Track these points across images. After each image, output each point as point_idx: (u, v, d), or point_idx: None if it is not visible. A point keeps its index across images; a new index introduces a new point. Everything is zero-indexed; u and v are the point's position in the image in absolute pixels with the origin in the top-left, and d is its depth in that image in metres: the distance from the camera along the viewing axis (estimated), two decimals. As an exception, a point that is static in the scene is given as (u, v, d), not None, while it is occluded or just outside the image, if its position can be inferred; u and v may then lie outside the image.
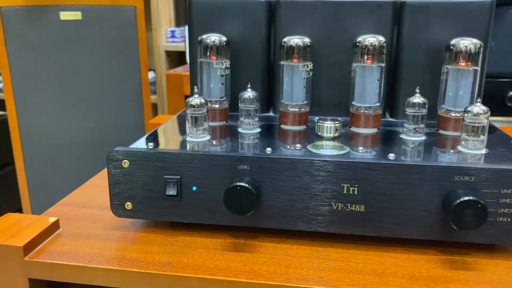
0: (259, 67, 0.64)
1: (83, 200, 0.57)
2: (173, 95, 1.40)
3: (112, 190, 0.48)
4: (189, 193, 0.47)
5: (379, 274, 0.42)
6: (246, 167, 0.45)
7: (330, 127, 0.53)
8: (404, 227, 0.45)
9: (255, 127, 0.56)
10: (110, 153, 0.47)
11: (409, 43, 0.60)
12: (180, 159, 0.46)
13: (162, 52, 1.86)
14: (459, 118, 0.55)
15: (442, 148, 0.51)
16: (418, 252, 0.45)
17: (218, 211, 0.47)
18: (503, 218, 0.43)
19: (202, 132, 0.52)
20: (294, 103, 0.57)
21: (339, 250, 0.46)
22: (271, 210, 0.46)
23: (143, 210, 0.48)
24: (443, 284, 0.40)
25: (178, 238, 0.48)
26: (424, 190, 0.43)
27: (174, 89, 1.39)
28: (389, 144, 0.52)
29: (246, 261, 0.43)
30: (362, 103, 0.57)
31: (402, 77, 0.61)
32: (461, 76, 0.55)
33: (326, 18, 0.61)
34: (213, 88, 0.59)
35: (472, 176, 0.42)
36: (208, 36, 0.59)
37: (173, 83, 1.39)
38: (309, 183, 0.45)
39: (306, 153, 0.47)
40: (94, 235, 0.48)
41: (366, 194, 0.44)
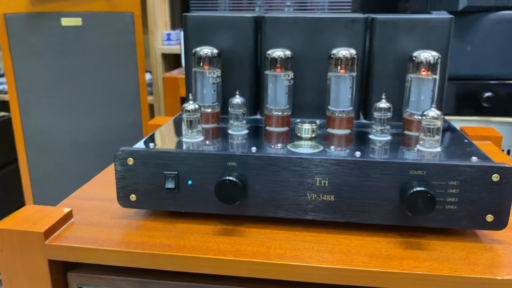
0: (248, 75, 0.71)
1: (92, 194, 0.65)
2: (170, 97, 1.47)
3: (118, 184, 0.55)
4: (185, 186, 0.54)
5: (345, 253, 0.50)
6: (234, 164, 0.53)
7: (307, 128, 0.61)
8: (368, 214, 0.52)
9: (243, 129, 0.64)
10: (117, 152, 0.55)
11: (379, 54, 0.68)
12: (178, 157, 0.54)
13: (158, 55, 1.93)
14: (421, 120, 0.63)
15: (403, 146, 0.59)
16: (381, 236, 0.53)
17: (210, 201, 0.54)
18: (450, 206, 0.51)
19: (196, 133, 0.60)
20: (277, 108, 0.65)
21: (313, 234, 0.54)
22: (255, 200, 0.54)
23: (146, 201, 0.56)
24: (398, 261, 0.48)
25: (176, 225, 0.55)
26: (384, 183, 0.51)
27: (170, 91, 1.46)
28: (359, 143, 0.60)
29: (233, 243, 0.51)
30: (336, 107, 0.65)
31: (373, 84, 0.69)
32: (422, 84, 0.63)
33: (306, 32, 0.68)
34: (206, 95, 0.67)
35: (424, 170, 0.50)
36: (202, 48, 0.66)
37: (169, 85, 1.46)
38: (287, 177, 0.53)
39: (286, 152, 0.55)
40: (103, 223, 0.56)
41: (335, 186, 0.52)
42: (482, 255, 0.49)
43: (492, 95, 1.31)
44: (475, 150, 0.56)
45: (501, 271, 0.46)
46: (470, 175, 0.50)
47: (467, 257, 0.49)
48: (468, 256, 0.49)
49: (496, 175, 0.49)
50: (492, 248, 0.51)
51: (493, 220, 0.51)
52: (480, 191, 0.50)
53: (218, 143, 0.59)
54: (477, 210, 0.51)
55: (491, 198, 0.50)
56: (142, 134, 1.58)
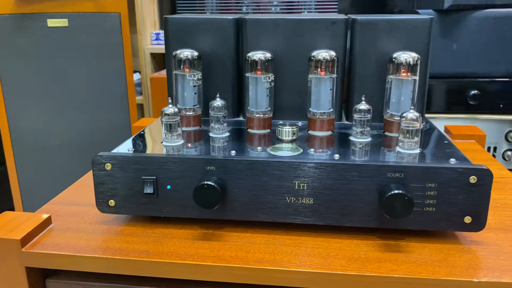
0: (230, 77, 0.71)
1: (72, 199, 0.64)
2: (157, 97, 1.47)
3: (97, 190, 0.55)
4: (164, 191, 0.54)
5: (324, 257, 0.49)
6: (213, 168, 0.53)
7: (288, 131, 0.60)
8: (347, 217, 0.52)
9: (224, 131, 0.63)
10: (95, 158, 0.54)
11: (359, 55, 0.68)
12: (156, 162, 0.53)
13: (147, 55, 1.92)
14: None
15: (383, 148, 0.59)
16: (360, 238, 0.53)
17: (189, 206, 0.54)
18: (429, 208, 0.51)
19: (176, 137, 0.59)
20: (258, 110, 0.65)
21: (292, 237, 0.53)
22: (235, 204, 0.54)
23: (125, 206, 0.55)
24: (376, 264, 0.48)
25: (156, 230, 0.55)
26: (362, 185, 0.51)
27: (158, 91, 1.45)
28: (339, 145, 0.60)
29: (212, 248, 0.51)
30: (317, 109, 0.65)
31: (355, 85, 0.69)
32: (402, 85, 0.63)
33: (287, 34, 0.68)
34: (187, 97, 0.66)
35: (402, 172, 0.50)
36: (182, 51, 0.66)
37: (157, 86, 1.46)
38: (266, 181, 0.52)
39: (265, 155, 0.55)
40: (82, 229, 0.55)
41: (314, 189, 0.52)
42: (460, 257, 0.49)
43: (478, 93, 1.31)
44: (454, 152, 0.56)
45: (479, 273, 0.46)
46: (447, 177, 0.50)
47: (445, 259, 0.49)
48: (446, 258, 0.49)
49: (474, 177, 0.49)
50: (470, 250, 0.51)
51: (471, 222, 0.51)
52: (458, 193, 0.50)
53: (198, 147, 0.59)
54: (455, 212, 0.51)
55: (469, 200, 0.50)
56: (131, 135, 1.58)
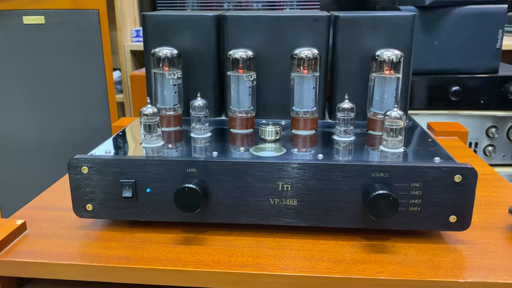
0: (211, 76, 0.70)
1: (48, 203, 0.62)
2: (138, 95, 1.44)
3: (74, 194, 0.53)
4: (144, 194, 0.52)
5: (308, 259, 0.48)
6: (194, 170, 0.51)
7: (271, 131, 0.59)
8: (332, 218, 0.52)
9: (206, 132, 0.62)
10: (71, 161, 0.52)
11: (342, 52, 0.67)
12: (134, 165, 0.52)
13: (127, 52, 1.89)
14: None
15: (367, 147, 0.58)
16: (345, 239, 0.52)
17: (170, 210, 0.53)
18: (413, 207, 0.50)
19: (156, 138, 0.58)
20: (241, 109, 0.64)
21: (277, 240, 0.52)
22: (217, 207, 0.52)
23: (103, 210, 0.53)
24: (362, 266, 0.47)
25: (135, 235, 0.53)
26: (346, 186, 0.50)
27: (139, 89, 1.43)
28: (322, 145, 0.59)
29: (194, 253, 0.50)
30: (300, 108, 0.63)
31: (338, 83, 0.68)
32: (385, 83, 0.62)
33: (269, 31, 0.67)
34: (166, 97, 0.65)
35: (386, 172, 0.50)
36: (161, 49, 0.64)
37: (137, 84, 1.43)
38: (249, 182, 0.51)
39: (248, 156, 0.54)
40: (59, 235, 0.53)
41: (298, 190, 0.51)
42: (445, 257, 0.49)
43: (459, 89, 1.32)
44: (438, 150, 0.55)
45: (464, 274, 0.46)
46: (432, 176, 0.49)
47: (431, 259, 0.48)
48: (432, 258, 0.49)
49: (458, 176, 0.49)
50: (456, 249, 0.50)
51: (456, 221, 0.50)
52: (443, 192, 0.50)
53: (179, 148, 0.58)
54: (440, 211, 0.50)
55: (454, 199, 0.50)
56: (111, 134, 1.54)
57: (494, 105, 1.35)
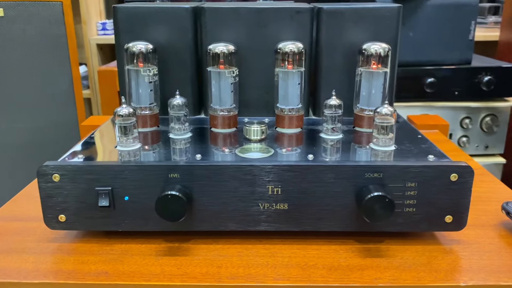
0: (188, 72, 0.66)
1: (15, 213, 0.57)
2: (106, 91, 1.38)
3: (44, 204, 0.49)
4: (122, 202, 0.48)
5: (302, 267, 0.46)
6: (177, 175, 0.47)
7: (256, 130, 0.56)
8: (324, 221, 0.49)
9: (185, 132, 0.58)
10: (40, 168, 0.47)
11: (326, 46, 0.64)
12: (111, 171, 0.47)
13: (93, 46, 1.81)
14: (372, 116, 0.60)
15: (356, 146, 0.56)
16: (338, 243, 0.50)
17: (151, 218, 0.49)
18: (409, 208, 0.48)
19: (132, 140, 0.54)
20: (222, 107, 0.60)
21: (267, 246, 0.49)
22: (203, 214, 0.49)
23: (77, 221, 0.49)
24: (358, 272, 0.45)
25: (114, 246, 0.49)
26: (339, 187, 0.48)
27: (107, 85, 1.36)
28: (310, 143, 0.56)
29: (180, 265, 0.46)
30: (285, 105, 0.60)
31: (322, 78, 0.65)
32: (373, 78, 0.60)
33: (250, 24, 0.63)
34: (142, 95, 0.60)
35: (380, 172, 0.47)
36: (134, 44, 0.60)
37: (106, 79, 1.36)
38: (237, 187, 0.48)
39: (234, 158, 0.50)
40: (29, 249, 0.49)
41: (288, 194, 0.48)
42: (443, 259, 0.47)
43: (434, 81, 1.32)
44: (430, 147, 0.54)
45: (464, 276, 0.44)
46: (428, 175, 0.47)
47: (429, 262, 0.46)
48: (430, 261, 0.47)
49: (455, 175, 0.47)
50: (452, 250, 0.49)
51: (452, 221, 0.48)
52: (439, 192, 0.48)
53: (158, 151, 0.54)
54: (436, 211, 0.48)
55: (449, 199, 0.48)
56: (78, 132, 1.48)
57: (468, 96, 1.35)
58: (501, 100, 1.38)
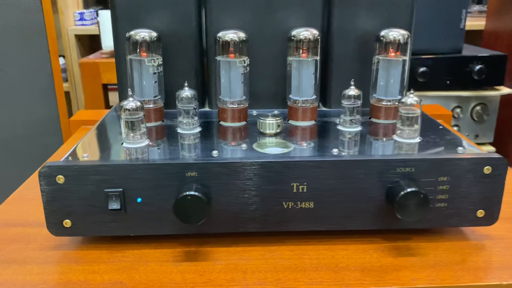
0: (192, 61, 0.61)
1: (10, 218, 0.52)
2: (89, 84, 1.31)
3: (47, 208, 0.44)
4: (134, 205, 0.44)
5: (333, 269, 0.43)
6: (194, 174, 0.44)
7: (272, 123, 0.52)
8: (351, 220, 0.46)
9: (195, 126, 0.54)
10: (42, 169, 0.43)
11: (338, 33, 0.61)
12: (122, 171, 0.43)
13: (71, 36, 1.73)
14: (390, 106, 0.57)
15: (378, 138, 0.53)
16: (365, 242, 0.47)
17: (166, 221, 0.45)
18: (440, 204, 0.46)
19: (140, 137, 0.49)
20: (232, 99, 0.56)
21: (291, 248, 0.46)
22: (222, 215, 0.45)
23: (84, 226, 0.45)
24: (394, 273, 0.42)
25: (125, 253, 0.45)
26: (368, 183, 0.45)
27: (90, 78, 1.30)
28: (328, 137, 0.53)
29: (202, 271, 0.42)
30: (299, 96, 0.57)
31: (333, 68, 0.62)
32: (391, 66, 0.57)
33: (258, 9, 0.60)
34: (145, 87, 0.56)
35: (413, 167, 0.44)
36: (137, 32, 0.55)
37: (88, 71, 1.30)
38: (259, 185, 0.44)
39: (253, 154, 0.47)
40: (31, 259, 0.44)
41: (315, 191, 0.45)
42: (477, 255, 0.45)
43: (426, 70, 1.31)
44: (455, 138, 0.51)
45: (504, 274, 0.42)
46: (461, 169, 0.45)
47: (464, 260, 0.44)
48: (464, 258, 0.44)
49: (488, 167, 0.45)
50: (484, 246, 0.46)
51: (484, 215, 0.46)
52: (471, 186, 0.45)
53: (169, 148, 0.50)
54: (467, 206, 0.46)
55: (482, 192, 0.45)
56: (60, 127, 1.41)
57: (459, 85, 1.35)
58: (491, 89, 1.38)
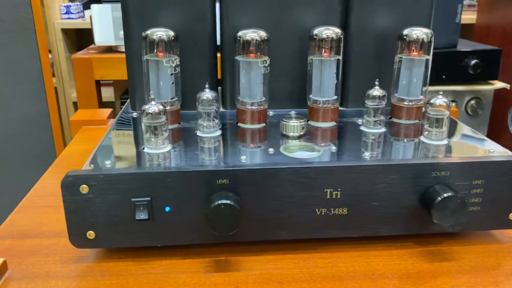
0: (206, 61, 0.59)
1: (24, 228, 0.49)
2: (82, 81, 1.27)
3: (69, 220, 0.42)
4: (162, 214, 0.42)
5: (371, 277, 0.42)
6: (226, 181, 0.42)
7: (296, 126, 0.51)
8: (386, 225, 0.45)
9: (215, 129, 0.52)
10: (65, 179, 0.40)
11: (356, 32, 0.59)
12: (150, 179, 0.41)
13: (58, 31, 1.68)
14: (412, 106, 0.56)
15: (405, 139, 0.52)
16: (397, 247, 0.46)
17: (195, 230, 0.43)
18: (474, 207, 0.45)
19: (162, 142, 0.47)
20: (252, 101, 0.54)
21: (323, 255, 0.45)
22: (252, 223, 0.43)
23: (109, 238, 0.43)
24: (432, 280, 0.41)
25: (152, 264, 0.43)
26: (402, 188, 0.44)
27: (83, 74, 1.26)
28: (354, 139, 0.52)
29: (236, 282, 0.41)
30: (320, 96, 0.56)
31: (351, 66, 0.61)
32: (414, 66, 0.56)
33: (274, 7, 0.58)
34: (163, 88, 0.54)
35: (448, 170, 0.44)
36: (154, 31, 0.53)
37: (81, 67, 1.26)
38: (292, 191, 0.43)
39: (283, 159, 0.45)
40: (54, 273, 0.42)
41: (348, 197, 0.44)
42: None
43: (423, 65, 1.30)
44: (481, 139, 0.51)
45: (543, 279, 0.42)
46: (495, 171, 0.44)
47: (499, 264, 0.44)
48: (500, 262, 0.44)
49: (522, 170, 0.44)
50: (517, 249, 0.46)
51: (516, 218, 0.46)
52: (504, 188, 0.45)
53: (192, 153, 0.48)
54: (500, 209, 0.45)
55: (515, 195, 0.45)
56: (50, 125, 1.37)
57: (454, 80, 1.35)
58: (485, 83, 1.39)
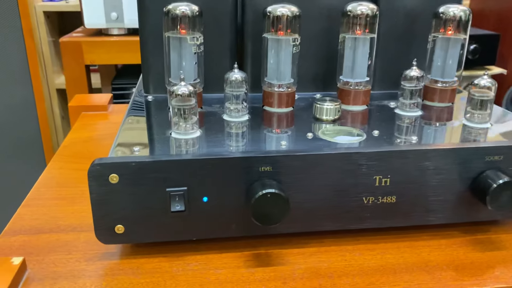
0: (227, 39, 0.55)
1: (36, 222, 0.45)
2: (71, 66, 1.21)
3: (96, 213, 0.38)
4: (199, 205, 0.38)
5: (425, 269, 0.39)
6: (269, 168, 0.38)
7: (331, 109, 0.48)
8: (434, 213, 0.42)
9: (244, 114, 0.48)
10: (92, 168, 0.36)
11: (385, 10, 0.56)
12: (187, 167, 0.37)
13: (39, 14, 1.59)
14: (447, 88, 0.53)
15: (445, 123, 0.49)
16: (444, 236, 0.44)
17: (234, 222, 0.39)
18: (525, 193, 0.43)
19: (191, 126, 0.43)
20: (281, 82, 0.51)
21: (369, 246, 0.42)
22: (296, 213, 0.40)
23: (140, 232, 0.39)
24: (489, 271, 0.39)
25: (187, 260, 0.40)
26: (455, 174, 0.41)
27: (71, 59, 1.20)
28: (391, 122, 0.49)
29: (282, 278, 0.37)
30: (352, 78, 0.52)
31: (379, 46, 0.58)
32: (450, 46, 0.53)
33: (302, -18, 0.54)
34: (185, 69, 0.49)
35: (501, 155, 0.41)
36: (176, 5, 0.48)
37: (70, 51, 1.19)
38: (338, 179, 0.40)
39: (327, 144, 0.42)
40: (79, 272, 0.38)
41: (398, 184, 0.41)
42: None
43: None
44: (525, 122, 0.48)
45: None
46: (549, 155, 0.42)
47: (554, 252, 0.42)
48: (555, 251, 0.42)
49: None
50: None
51: None
52: (556, 173, 0.42)
53: (226, 139, 0.44)
54: (551, 194, 0.43)
55: None
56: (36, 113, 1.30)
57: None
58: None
